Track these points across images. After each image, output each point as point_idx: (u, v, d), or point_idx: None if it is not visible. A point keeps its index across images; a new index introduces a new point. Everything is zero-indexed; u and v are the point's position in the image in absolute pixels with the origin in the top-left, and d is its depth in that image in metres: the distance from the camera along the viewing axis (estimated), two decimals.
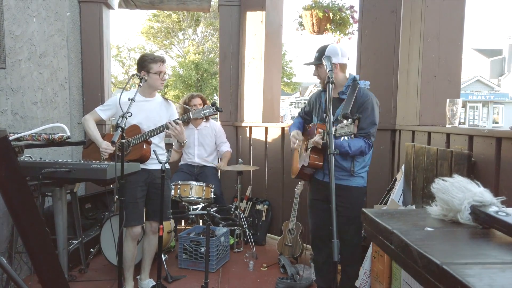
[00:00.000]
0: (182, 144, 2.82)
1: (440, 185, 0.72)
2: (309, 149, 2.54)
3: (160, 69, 2.75)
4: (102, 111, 2.86)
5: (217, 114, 2.78)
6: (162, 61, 2.78)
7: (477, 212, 0.67)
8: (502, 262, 0.53)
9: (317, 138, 2.41)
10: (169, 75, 19.81)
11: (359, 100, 2.48)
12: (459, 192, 0.69)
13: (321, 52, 2.54)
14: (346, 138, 2.20)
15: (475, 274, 0.47)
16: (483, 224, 0.67)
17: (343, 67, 2.59)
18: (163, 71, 2.78)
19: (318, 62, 2.55)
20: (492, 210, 0.65)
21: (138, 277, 2.97)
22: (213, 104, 2.71)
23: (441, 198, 0.72)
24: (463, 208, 0.68)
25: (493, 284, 0.45)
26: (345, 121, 2.11)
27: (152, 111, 2.83)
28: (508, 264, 0.52)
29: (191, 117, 2.71)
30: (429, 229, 0.67)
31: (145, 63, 2.75)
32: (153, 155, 2.70)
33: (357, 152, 2.47)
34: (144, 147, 2.70)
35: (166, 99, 2.95)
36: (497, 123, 29.45)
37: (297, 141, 2.70)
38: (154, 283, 2.87)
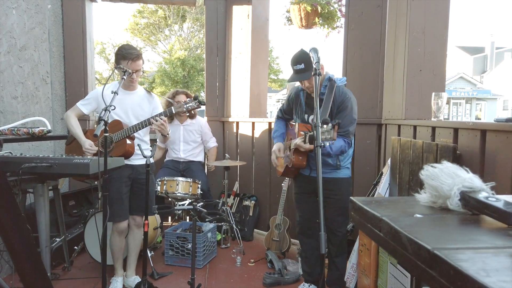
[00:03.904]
0: (166, 135, 2.76)
1: (429, 172, 0.71)
2: (292, 150, 2.54)
3: (128, 67, 2.55)
4: (83, 106, 2.78)
5: (200, 108, 2.72)
6: (132, 59, 2.56)
7: (467, 198, 0.66)
8: (494, 246, 0.52)
9: (298, 141, 2.39)
10: (144, 73, 19.46)
11: (338, 99, 2.47)
12: (449, 178, 0.68)
13: (308, 61, 2.39)
14: (327, 143, 2.19)
15: (467, 258, 0.46)
16: (473, 210, 0.66)
17: (323, 67, 2.52)
18: (131, 69, 2.57)
19: (311, 74, 2.34)
20: (482, 196, 0.64)
21: (123, 273, 2.92)
22: (195, 98, 2.65)
23: (430, 184, 0.70)
24: (453, 194, 0.67)
25: (487, 268, 0.43)
26: (325, 126, 2.08)
27: (134, 105, 2.76)
28: (500, 249, 0.51)
29: (174, 112, 2.65)
30: (418, 215, 0.66)
31: (117, 57, 2.61)
32: (137, 150, 2.65)
33: (338, 152, 2.49)
34: (128, 143, 2.64)
35: (149, 92, 2.87)
36: (480, 119, 30.02)
37: (278, 158, 2.71)
38: (140, 280, 2.82)
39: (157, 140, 4.13)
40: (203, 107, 4.39)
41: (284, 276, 3.00)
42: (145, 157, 2.49)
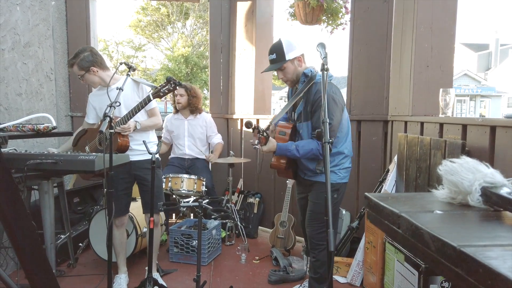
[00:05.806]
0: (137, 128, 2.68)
1: (448, 167, 0.69)
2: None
3: None
4: (86, 117, 2.88)
5: (176, 89, 2.60)
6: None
7: (488, 194, 0.64)
8: None
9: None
10: (148, 70, 19.36)
11: (313, 98, 2.27)
12: (469, 173, 0.66)
13: (280, 51, 2.30)
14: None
15: (497, 256, 0.43)
16: (495, 206, 0.64)
17: (304, 57, 2.40)
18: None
19: (283, 62, 2.30)
20: (504, 191, 0.62)
21: (126, 270, 2.91)
22: (168, 80, 2.50)
23: (450, 180, 0.68)
24: (474, 190, 0.65)
25: None
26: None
27: (118, 98, 2.68)
28: None
29: (151, 98, 2.54)
30: (438, 212, 0.64)
31: None
32: (134, 146, 2.65)
33: (308, 156, 2.27)
34: (119, 140, 2.59)
35: (135, 81, 2.75)
36: (484, 116, 29.82)
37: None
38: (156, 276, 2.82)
39: (162, 136, 4.11)
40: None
41: (289, 274, 2.99)
42: (150, 153, 2.47)
